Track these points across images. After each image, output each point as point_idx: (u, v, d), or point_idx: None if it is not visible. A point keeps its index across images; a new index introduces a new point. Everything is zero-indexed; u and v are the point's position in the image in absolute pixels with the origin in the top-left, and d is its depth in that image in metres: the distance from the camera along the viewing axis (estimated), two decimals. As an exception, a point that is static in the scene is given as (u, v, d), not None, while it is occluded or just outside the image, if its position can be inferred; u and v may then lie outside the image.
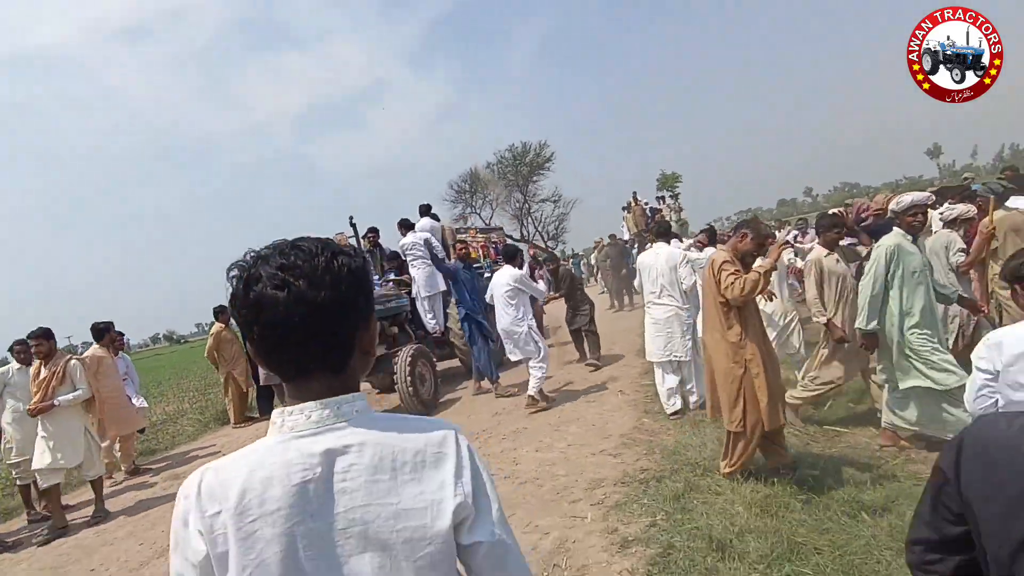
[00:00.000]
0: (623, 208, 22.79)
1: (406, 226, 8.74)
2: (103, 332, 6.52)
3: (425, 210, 9.16)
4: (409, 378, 6.61)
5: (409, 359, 6.69)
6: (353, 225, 8.23)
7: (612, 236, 15.86)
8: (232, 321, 8.12)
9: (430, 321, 8.29)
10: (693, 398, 5.29)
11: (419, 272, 8.21)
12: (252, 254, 0.87)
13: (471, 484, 0.88)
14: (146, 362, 41.65)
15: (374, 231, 8.80)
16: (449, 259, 8.93)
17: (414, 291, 8.29)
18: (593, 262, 25.26)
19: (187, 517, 0.83)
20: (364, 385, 9.00)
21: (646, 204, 22.37)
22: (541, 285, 6.98)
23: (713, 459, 3.89)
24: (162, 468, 7.04)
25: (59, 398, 4.96)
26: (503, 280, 6.36)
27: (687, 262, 5.35)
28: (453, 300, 8.05)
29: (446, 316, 8.40)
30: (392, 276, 8.59)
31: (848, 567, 2.67)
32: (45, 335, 5.12)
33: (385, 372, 7.23)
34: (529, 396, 6.19)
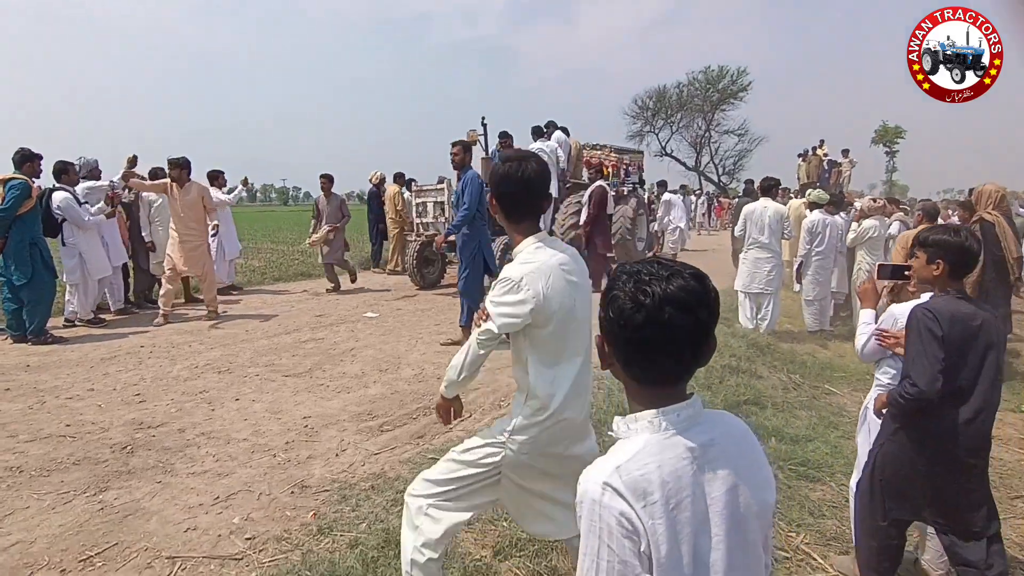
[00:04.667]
0: (799, 155, 21.25)
1: (539, 134, 9.72)
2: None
3: (553, 125, 9.96)
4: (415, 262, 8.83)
5: (417, 248, 8.76)
6: (484, 126, 9.36)
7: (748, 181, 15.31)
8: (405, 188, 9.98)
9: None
10: (764, 323, 6.34)
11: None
12: (641, 276, 0.96)
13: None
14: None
15: (505, 135, 9.83)
16: (570, 171, 9.87)
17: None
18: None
19: (620, 514, 0.91)
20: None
21: (826, 156, 20.64)
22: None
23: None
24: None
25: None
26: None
27: (787, 218, 6.43)
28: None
29: (553, 220, 9.41)
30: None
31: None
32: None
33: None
34: None
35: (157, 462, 3.27)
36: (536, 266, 1.78)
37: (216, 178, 8.51)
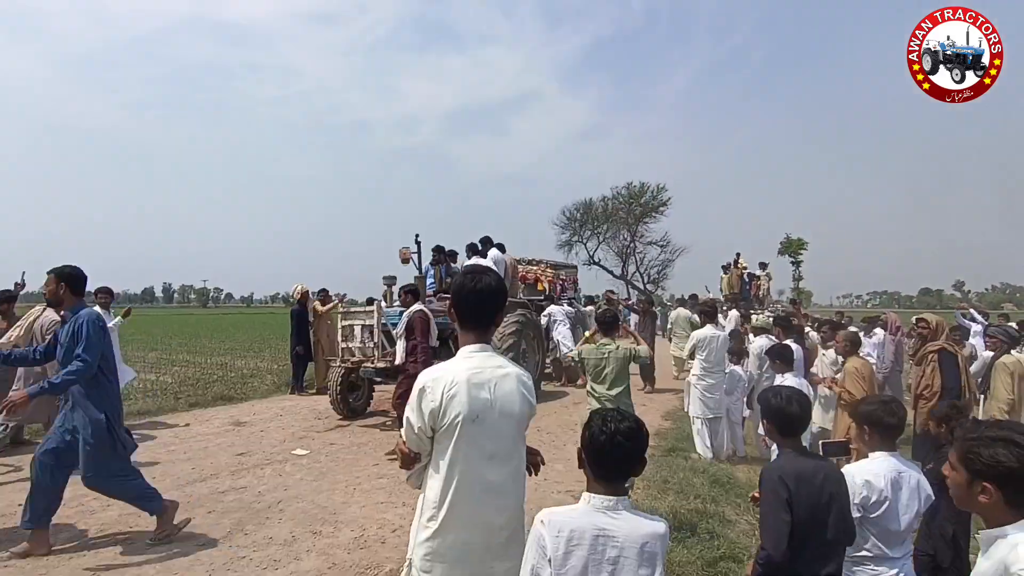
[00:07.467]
0: (723, 267, 22.43)
1: (474, 251, 9.67)
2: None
3: (488, 242, 9.96)
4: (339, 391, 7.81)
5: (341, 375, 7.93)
6: (418, 244, 9.23)
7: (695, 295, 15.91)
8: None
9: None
10: (723, 450, 6.37)
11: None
12: (607, 416, 1.70)
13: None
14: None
15: (439, 249, 9.71)
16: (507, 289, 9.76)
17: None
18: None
19: (539, 535, 1.64)
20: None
21: (745, 269, 21.87)
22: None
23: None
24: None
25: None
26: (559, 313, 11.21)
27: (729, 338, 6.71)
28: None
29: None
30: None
31: None
32: None
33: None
34: None
35: None
36: (441, 373, 1.89)
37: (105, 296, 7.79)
